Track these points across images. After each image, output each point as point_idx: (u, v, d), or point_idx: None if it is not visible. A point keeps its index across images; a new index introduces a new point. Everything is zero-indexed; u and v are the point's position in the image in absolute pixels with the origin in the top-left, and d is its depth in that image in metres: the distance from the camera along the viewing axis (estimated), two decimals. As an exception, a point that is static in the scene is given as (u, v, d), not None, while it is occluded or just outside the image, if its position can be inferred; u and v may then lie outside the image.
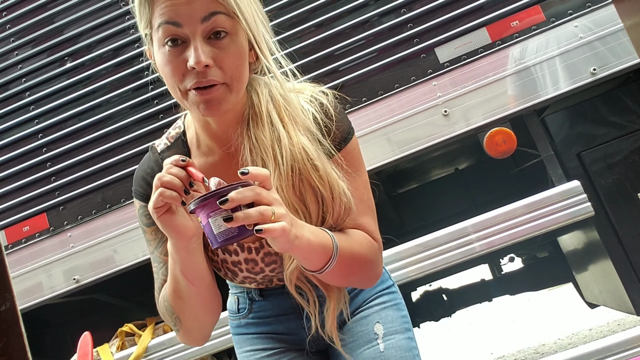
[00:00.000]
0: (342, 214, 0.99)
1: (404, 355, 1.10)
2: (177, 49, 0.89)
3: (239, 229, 0.80)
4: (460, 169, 2.91)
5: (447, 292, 3.07)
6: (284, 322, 1.17)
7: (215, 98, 0.91)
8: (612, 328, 3.91)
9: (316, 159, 0.97)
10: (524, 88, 2.01)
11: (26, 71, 2.32)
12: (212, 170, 1.04)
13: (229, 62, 0.90)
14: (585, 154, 2.05)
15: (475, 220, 1.90)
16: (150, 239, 1.06)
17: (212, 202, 0.79)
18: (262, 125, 0.98)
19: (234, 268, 1.08)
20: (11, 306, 0.43)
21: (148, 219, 1.05)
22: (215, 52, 0.89)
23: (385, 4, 2.10)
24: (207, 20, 0.88)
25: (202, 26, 0.88)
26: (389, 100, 2.07)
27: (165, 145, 1.09)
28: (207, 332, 1.08)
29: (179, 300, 0.99)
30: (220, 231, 0.79)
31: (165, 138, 1.10)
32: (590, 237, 2.12)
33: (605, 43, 1.99)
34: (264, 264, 1.07)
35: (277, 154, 0.97)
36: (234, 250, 1.06)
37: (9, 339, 0.43)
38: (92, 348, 2.01)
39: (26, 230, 2.24)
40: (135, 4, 0.94)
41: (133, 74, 2.22)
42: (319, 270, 0.94)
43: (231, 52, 0.90)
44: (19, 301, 1.71)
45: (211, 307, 1.04)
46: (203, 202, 0.79)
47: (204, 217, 0.80)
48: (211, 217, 0.79)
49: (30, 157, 2.27)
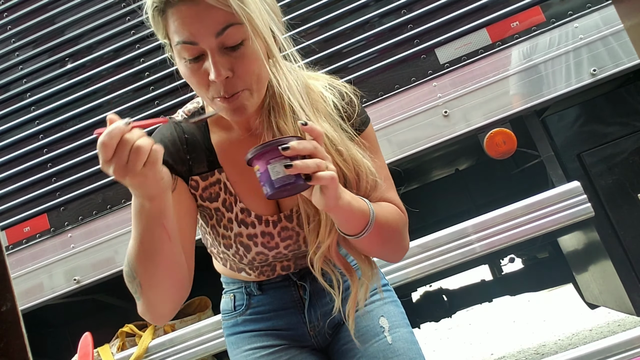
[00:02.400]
0: (370, 191, 1.02)
1: (411, 347, 1.12)
2: (197, 64, 0.93)
3: (295, 178, 0.85)
4: (461, 169, 2.91)
5: (447, 292, 3.07)
6: (284, 317, 1.16)
7: (240, 104, 0.95)
8: (612, 329, 3.91)
9: (339, 144, 1.00)
10: (524, 89, 2.01)
11: (27, 72, 2.32)
12: (232, 147, 1.07)
13: (247, 69, 0.93)
14: (586, 155, 2.05)
15: (476, 220, 1.90)
16: None
17: (274, 149, 0.85)
18: (284, 113, 1.01)
19: (248, 242, 1.08)
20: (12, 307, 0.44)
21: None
22: (233, 61, 0.92)
23: (386, 5, 2.10)
24: (221, 34, 0.90)
25: (216, 40, 0.90)
26: (389, 100, 2.07)
27: (183, 117, 1.10)
28: (169, 310, 1.01)
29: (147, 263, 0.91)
30: (278, 177, 0.85)
31: (182, 112, 1.12)
32: (591, 237, 2.12)
33: (606, 44, 1.99)
34: (279, 239, 1.08)
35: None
36: (251, 223, 1.07)
37: (9, 340, 0.43)
38: (92, 348, 2.01)
39: (27, 231, 2.24)
40: (149, 16, 0.96)
41: (134, 75, 2.22)
42: (358, 234, 0.97)
43: (248, 58, 0.93)
44: (20, 302, 1.71)
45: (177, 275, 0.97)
46: (264, 148, 0.85)
47: (262, 164, 0.86)
48: (270, 164, 0.85)
49: (31, 157, 2.27)
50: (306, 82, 1.06)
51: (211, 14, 0.89)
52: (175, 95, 2.17)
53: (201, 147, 1.07)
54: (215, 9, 0.89)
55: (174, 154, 1.04)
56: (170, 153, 1.04)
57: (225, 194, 1.07)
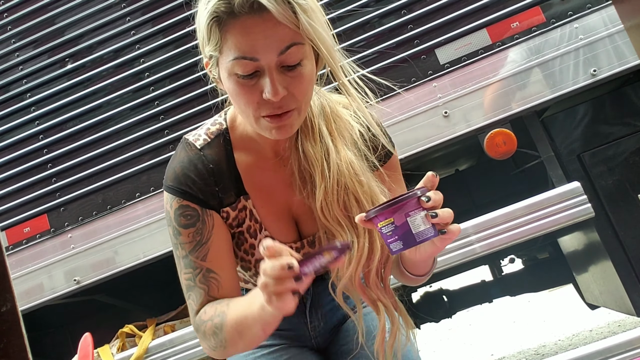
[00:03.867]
0: None
1: (409, 348, 1.12)
2: (251, 80, 0.89)
3: (434, 228, 0.85)
4: (461, 170, 2.91)
5: (447, 293, 3.06)
6: (286, 317, 1.16)
7: (288, 124, 0.93)
8: (612, 329, 3.91)
9: (361, 175, 0.99)
10: (525, 89, 2.01)
11: (27, 72, 2.32)
12: (258, 171, 1.05)
13: (301, 90, 0.92)
14: (586, 155, 2.05)
15: (476, 221, 1.90)
16: (186, 242, 1.00)
17: (413, 201, 0.84)
18: (313, 138, 1.00)
19: None
20: (12, 307, 0.44)
21: (187, 219, 1.00)
22: (289, 80, 0.90)
23: (386, 5, 2.10)
24: (284, 53, 0.88)
25: (278, 59, 0.88)
26: (389, 101, 2.07)
27: (205, 141, 1.05)
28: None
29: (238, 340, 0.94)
30: (420, 230, 0.83)
31: (204, 134, 1.06)
32: (591, 238, 2.12)
33: (606, 44, 1.99)
34: None
35: (325, 168, 0.98)
36: None
37: (9, 340, 0.43)
38: (92, 349, 2.01)
39: (27, 232, 2.24)
40: (201, 25, 0.92)
41: (134, 75, 2.22)
42: (425, 274, 1.00)
43: (304, 79, 0.91)
44: (20, 302, 1.71)
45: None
46: (402, 202, 0.84)
47: (399, 217, 0.84)
48: (410, 217, 0.84)
49: (31, 158, 2.27)
50: (335, 107, 1.05)
51: (277, 31, 0.86)
52: (176, 95, 2.17)
53: (227, 175, 1.04)
54: (282, 26, 0.86)
55: (203, 189, 1.01)
56: (199, 189, 1.01)
57: (250, 220, 1.05)
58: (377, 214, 0.85)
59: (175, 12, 2.19)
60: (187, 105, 2.14)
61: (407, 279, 1.04)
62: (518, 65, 2.02)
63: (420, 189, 0.86)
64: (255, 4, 0.85)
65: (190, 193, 1.00)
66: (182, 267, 1.02)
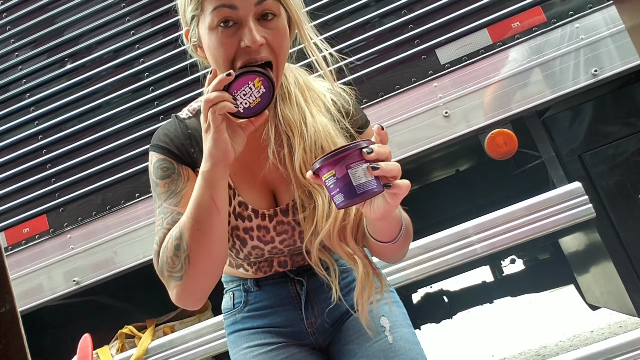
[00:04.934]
0: None
1: (412, 347, 1.12)
2: (230, 30, 0.95)
3: (377, 182, 0.82)
4: (461, 170, 2.91)
5: (448, 293, 3.06)
6: (281, 313, 1.17)
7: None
8: (613, 330, 3.91)
9: (336, 137, 1.04)
10: (525, 89, 2.00)
11: (26, 72, 2.31)
12: None
13: (277, 42, 0.97)
14: (587, 156, 2.05)
15: (476, 221, 1.89)
16: (162, 191, 1.06)
17: (354, 152, 0.82)
18: (290, 103, 1.06)
19: (244, 235, 1.09)
20: (11, 308, 0.43)
21: (164, 171, 1.07)
22: (266, 32, 0.96)
23: (386, 5, 2.09)
24: (260, 3, 0.95)
25: (255, 9, 0.95)
26: (389, 101, 2.06)
27: (187, 115, 1.14)
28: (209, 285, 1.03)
29: (198, 233, 0.96)
30: (360, 182, 0.81)
31: (186, 110, 1.15)
32: (592, 238, 2.11)
33: (607, 44, 1.99)
34: (275, 233, 1.09)
35: (304, 130, 1.04)
36: (248, 216, 1.08)
37: (8, 341, 0.42)
38: (92, 350, 2.00)
39: (26, 232, 2.23)
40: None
41: (133, 75, 2.22)
42: (392, 240, 1.00)
43: (279, 32, 0.98)
44: (19, 303, 1.70)
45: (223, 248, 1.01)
46: (345, 152, 0.82)
47: (340, 169, 0.82)
48: (351, 169, 0.82)
49: (30, 158, 2.27)
50: (307, 79, 1.12)
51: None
52: (175, 95, 2.16)
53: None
54: None
55: (180, 147, 1.08)
56: (176, 146, 1.08)
57: None
58: (320, 165, 0.84)
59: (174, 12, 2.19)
60: (186, 105, 2.13)
61: (376, 248, 1.05)
62: (519, 65, 2.02)
63: (366, 140, 0.84)
64: None
65: (168, 148, 1.08)
66: (156, 215, 1.07)
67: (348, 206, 0.86)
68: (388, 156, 0.85)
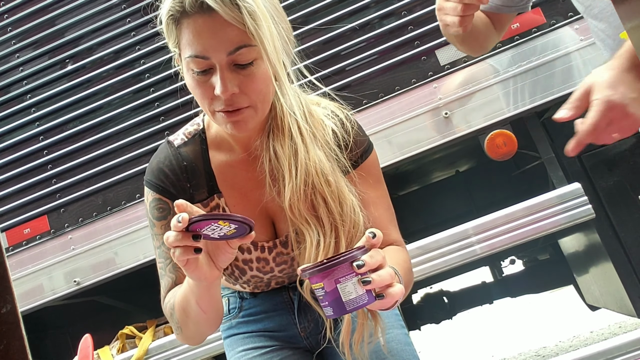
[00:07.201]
0: (350, 229, 0.99)
1: (404, 348, 1.12)
2: (205, 76, 0.93)
3: (369, 295, 0.77)
4: (461, 171, 2.91)
5: (448, 294, 3.06)
6: (275, 318, 1.17)
7: (242, 120, 0.95)
8: (613, 330, 3.90)
9: (330, 174, 0.99)
10: (525, 90, 2.01)
11: (27, 73, 2.32)
12: (232, 170, 1.08)
13: (254, 88, 0.93)
14: (586, 156, 2.05)
15: (476, 222, 1.90)
16: (159, 233, 1.05)
17: (344, 266, 0.76)
18: (282, 137, 1.01)
19: (243, 266, 1.08)
20: (12, 308, 0.43)
21: (160, 212, 1.04)
22: (241, 79, 0.92)
23: (386, 7, 2.10)
24: (233, 53, 0.90)
25: (227, 58, 0.90)
26: (389, 102, 2.07)
27: (182, 140, 1.10)
28: (208, 334, 1.09)
29: (186, 318, 0.99)
30: (350, 298, 0.76)
31: (182, 134, 1.11)
32: (591, 239, 2.12)
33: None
34: (274, 264, 1.09)
35: (292, 168, 0.99)
36: (247, 249, 1.07)
37: (9, 342, 0.43)
38: (92, 350, 2.01)
39: (27, 233, 2.24)
40: (163, 25, 0.97)
41: (134, 77, 2.22)
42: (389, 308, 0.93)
43: (256, 78, 0.93)
44: (20, 303, 1.71)
45: (214, 323, 1.04)
46: (331, 267, 0.76)
47: (329, 283, 0.76)
48: (340, 283, 0.76)
49: (31, 159, 2.27)
50: (309, 107, 1.06)
51: (226, 32, 0.89)
52: (175, 96, 2.17)
53: (200, 172, 1.07)
54: (231, 27, 0.89)
55: (175, 184, 1.05)
56: (171, 183, 1.05)
57: None
58: (309, 276, 0.78)
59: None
60: (187, 106, 2.14)
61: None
62: (519, 66, 2.02)
63: (360, 249, 0.78)
64: (204, 4, 0.88)
65: (163, 187, 1.05)
66: (156, 256, 1.07)
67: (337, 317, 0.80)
68: (382, 263, 0.79)
